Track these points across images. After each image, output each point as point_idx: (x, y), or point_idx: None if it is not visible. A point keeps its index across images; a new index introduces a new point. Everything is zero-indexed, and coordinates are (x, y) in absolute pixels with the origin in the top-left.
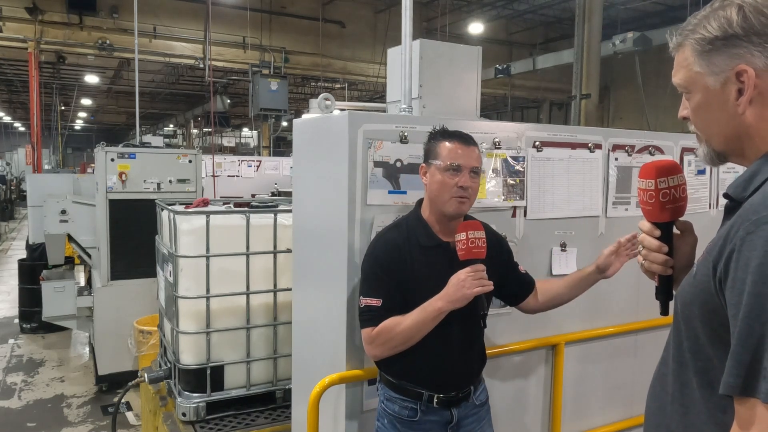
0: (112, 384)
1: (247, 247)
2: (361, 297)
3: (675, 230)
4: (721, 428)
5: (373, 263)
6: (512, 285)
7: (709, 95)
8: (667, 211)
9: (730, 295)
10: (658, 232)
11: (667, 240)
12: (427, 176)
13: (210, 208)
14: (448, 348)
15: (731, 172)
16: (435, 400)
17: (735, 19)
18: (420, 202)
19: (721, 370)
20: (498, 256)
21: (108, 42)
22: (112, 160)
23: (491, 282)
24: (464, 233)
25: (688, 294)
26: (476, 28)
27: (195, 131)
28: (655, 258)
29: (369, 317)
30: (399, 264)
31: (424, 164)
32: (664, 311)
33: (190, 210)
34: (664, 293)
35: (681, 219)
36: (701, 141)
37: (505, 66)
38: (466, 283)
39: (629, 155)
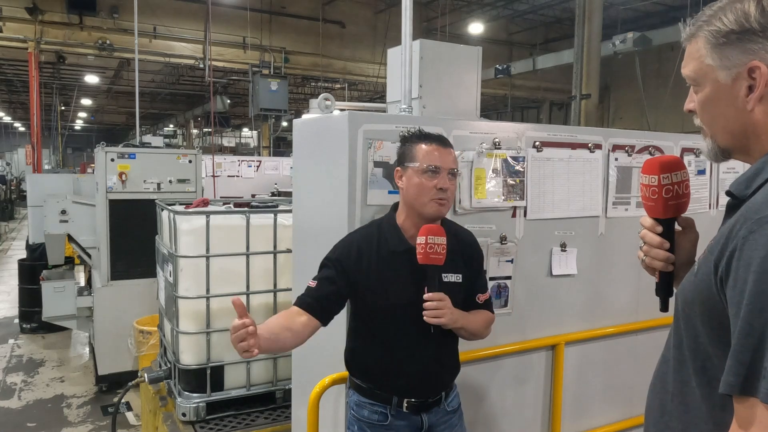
0: (112, 384)
1: (247, 247)
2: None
3: (677, 226)
4: (721, 427)
5: (329, 254)
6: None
7: (718, 89)
8: (670, 208)
9: (731, 293)
10: (660, 229)
11: (669, 236)
12: (402, 180)
13: (210, 208)
14: (416, 352)
15: (731, 173)
16: (405, 404)
17: (753, 14)
18: (396, 206)
19: (720, 368)
20: (469, 266)
21: (108, 42)
22: (112, 160)
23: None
24: (424, 237)
25: (689, 292)
26: (476, 28)
27: (195, 131)
28: (656, 254)
29: (299, 298)
30: (353, 264)
31: (399, 168)
32: (664, 308)
33: (190, 210)
34: (664, 290)
35: (683, 215)
36: (706, 136)
37: (505, 66)
38: (233, 341)
39: (629, 155)
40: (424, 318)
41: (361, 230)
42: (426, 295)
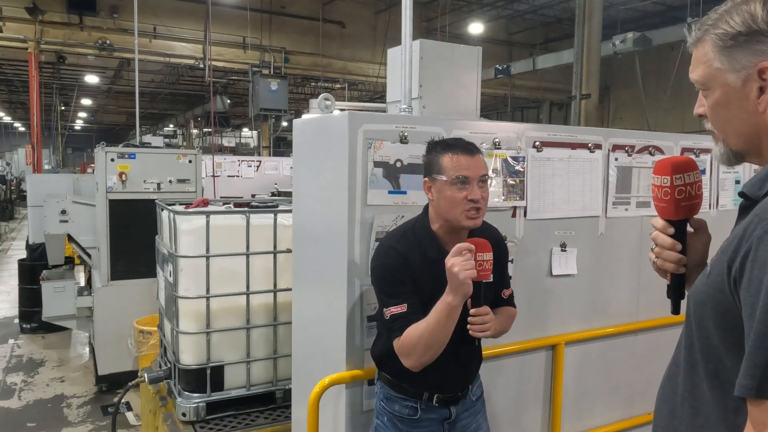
0: (112, 384)
1: (247, 247)
2: (384, 308)
3: (689, 228)
4: (733, 431)
5: (386, 271)
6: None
7: (728, 92)
8: (682, 209)
9: (745, 295)
10: (672, 230)
11: (681, 238)
12: (432, 192)
13: (210, 208)
14: (450, 354)
15: (731, 172)
16: (435, 399)
17: (760, 15)
18: (427, 208)
19: (733, 371)
20: (498, 263)
21: (108, 42)
22: (112, 160)
23: (473, 267)
24: (479, 254)
25: (702, 294)
26: (476, 28)
27: (195, 131)
28: (668, 256)
29: (399, 326)
30: (407, 272)
31: (426, 178)
32: (676, 310)
33: (190, 210)
34: (675, 292)
35: (695, 216)
36: (718, 140)
37: (505, 66)
38: (452, 270)
39: (629, 155)
40: (470, 333)
41: (395, 235)
42: (473, 311)
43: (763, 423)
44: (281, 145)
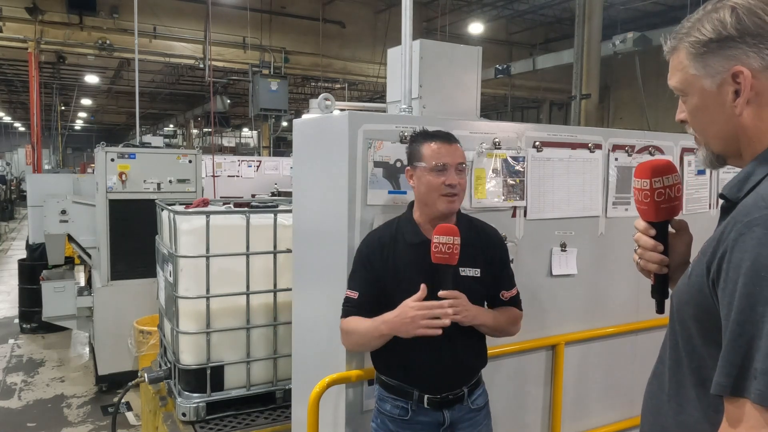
0: (112, 384)
1: (247, 247)
2: (347, 288)
3: (670, 229)
4: (715, 427)
5: (357, 258)
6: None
7: (705, 97)
8: (663, 211)
9: (722, 296)
10: (653, 232)
11: (663, 239)
12: (414, 179)
13: (210, 208)
14: (436, 348)
15: (731, 173)
16: (425, 400)
17: (729, 21)
18: (412, 203)
19: (714, 369)
20: (491, 262)
21: (108, 42)
22: (112, 160)
23: (441, 327)
24: (437, 237)
25: (683, 294)
26: (476, 28)
27: (195, 131)
28: (650, 257)
29: (345, 309)
30: (379, 261)
31: (409, 167)
32: (660, 309)
33: (190, 210)
34: (659, 292)
35: (676, 218)
36: (700, 144)
37: (505, 66)
38: (414, 321)
39: (629, 155)
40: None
41: (382, 226)
42: (441, 293)
43: (737, 418)
44: (281, 145)
